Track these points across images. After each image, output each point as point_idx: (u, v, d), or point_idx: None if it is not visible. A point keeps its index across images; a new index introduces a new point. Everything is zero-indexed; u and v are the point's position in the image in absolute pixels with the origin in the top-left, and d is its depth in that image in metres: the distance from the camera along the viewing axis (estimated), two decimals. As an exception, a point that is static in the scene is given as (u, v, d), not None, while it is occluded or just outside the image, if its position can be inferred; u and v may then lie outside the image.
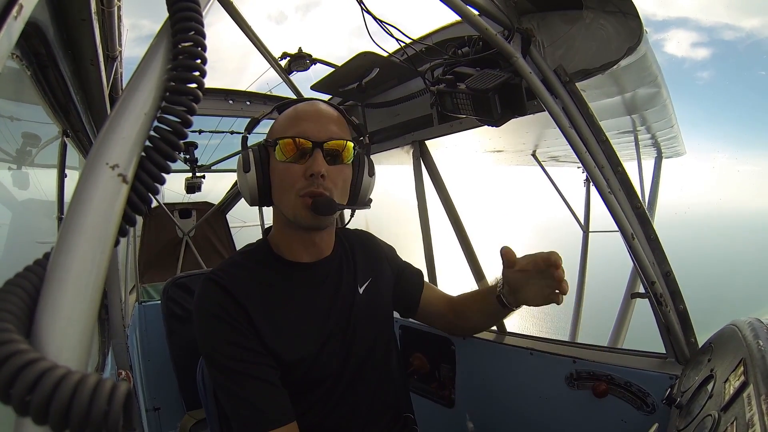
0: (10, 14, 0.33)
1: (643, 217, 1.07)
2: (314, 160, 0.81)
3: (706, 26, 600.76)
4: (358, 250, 1.04)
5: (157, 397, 2.16)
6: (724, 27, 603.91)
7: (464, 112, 1.16)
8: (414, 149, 1.67)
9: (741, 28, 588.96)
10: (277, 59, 1.59)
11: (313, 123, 0.84)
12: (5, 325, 0.23)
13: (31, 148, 1.36)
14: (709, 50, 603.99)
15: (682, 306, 1.05)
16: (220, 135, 2.69)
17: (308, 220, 0.84)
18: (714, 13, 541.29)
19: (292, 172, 0.82)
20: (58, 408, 0.21)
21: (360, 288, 0.98)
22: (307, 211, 0.82)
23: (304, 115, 0.85)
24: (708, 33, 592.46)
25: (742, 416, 0.59)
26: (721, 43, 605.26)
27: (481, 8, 1.05)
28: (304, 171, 0.82)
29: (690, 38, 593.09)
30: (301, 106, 0.88)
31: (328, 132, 0.84)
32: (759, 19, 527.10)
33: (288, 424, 0.80)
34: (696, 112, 38.37)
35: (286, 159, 0.83)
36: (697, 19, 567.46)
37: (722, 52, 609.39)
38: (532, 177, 4.44)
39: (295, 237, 0.91)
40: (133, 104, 0.32)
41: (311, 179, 0.81)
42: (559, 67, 1.10)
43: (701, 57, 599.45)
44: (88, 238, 0.28)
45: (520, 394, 1.28)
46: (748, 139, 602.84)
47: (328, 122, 0.85)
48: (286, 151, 0.83)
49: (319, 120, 0.85)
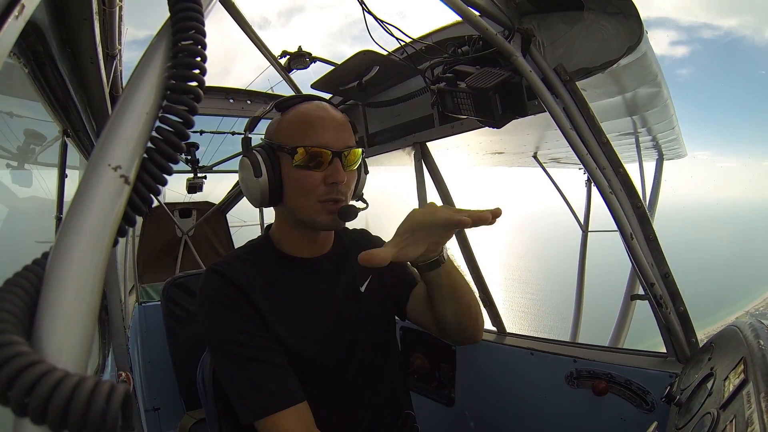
0: (11, 14, 0.33)
1: (643, 217, 1.07)
2: (336, 170, 0.84)
3: (684, 25, 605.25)
4: (357, 248, 1.03)
5: (157, 397, 2.16)
6: (702, 26, 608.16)
7: (465, 113, 1.16)
8: (415, 151, 1.67)
9: (719, 27, 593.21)
10: (277, 58, 1.59)
11: (330, 132, 0.86)
12: (5, 326, 0.23)
13: (33, 147, 1.36)
14: (688, 48, 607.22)
15: (682, 307, 1.04)
16: (221, 136, 2.69)
17: (328, 223, 0.88)
18: (692, 14, 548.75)
19: (312, 179, 0.85)
20: (56, 409, 0.21)
21: (362, 287, 1.00)
22: (329, 216, 0.86)
23: (320, 122, 0.86)
24: (687, 32, 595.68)
25: (741, 414, 0.59)
26: (699, 41, 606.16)
27: (481, 9, 1.05)
28: (324, 178, 0.85)
29: (669, 37, 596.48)
30: (314, 112, 0.88)
31: (345, 140, 0.87)
32: (736, 19, 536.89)
33: (300, 404, 0.81)
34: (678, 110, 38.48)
35: (303, 165, 0.84)
36: (677, 19, 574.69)
37: (701, 49, 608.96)
38: (531, 175, 4.44)
39: (300, 235, 0.94)
40: (135, 103, 0.32)
41: (332, 186, 0.85)
42: (559, 66, 1.10)
43: (680, 54, 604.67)
44: (87, 238, 0.28)
45: (520, 393, 1.29)
46: (726, 135, 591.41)
47: (343, 130, 0.88)
48: (305, 159, 0.84)
49: (336, 128, 0.87)
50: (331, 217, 0.87)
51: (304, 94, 0.96)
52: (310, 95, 0.96)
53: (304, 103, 0.90)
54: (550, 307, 41.28)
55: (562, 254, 40.63)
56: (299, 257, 0.95)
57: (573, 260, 3.93)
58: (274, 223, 0.98)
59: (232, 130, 2.63)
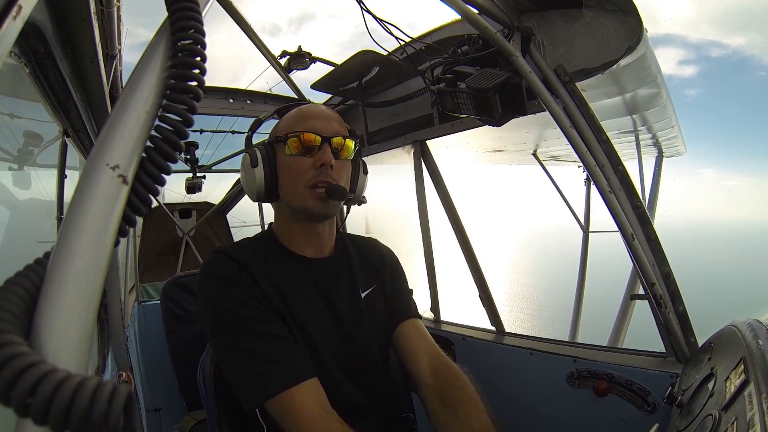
0: (9, 14, 0.33)
1: (643, 218, 1.07)
2: (324, 153, 0.87)
3: (693, 43, 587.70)
4: (362, 256, 1.05)
5: (158, 397, 2.16)
6: (710, 44, 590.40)
7: (465, 112, 1.16)
8: (415, 149, 1.67)
9: (728, 46, 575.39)
10: (277, 58, 1.59)
11: (319, 120, 0.91)
12: (5, 326, 0.23)
13: (32, 148, 1.36)
14: (696, 68, 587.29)
15: (681, 308, 1.05)
16: (220, 136, 2.69)
17: (318, 208, 0.89)
18: (700, 31, 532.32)
19: (302, 164, 0.88)
20: (58, 411, 0.21)
21: (362, 293, 0.99)
22: (316, 200, 0.87)
23: (311, 113, 0.92)
24: (695, 50, 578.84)
25: (742, 416, 0.59)
26: (707, 60, 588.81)
27: (481, 7, 1.05)
28: (314, 162, 0.87)
29: (677, 55, 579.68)
30: (306, 107, 0.95)
31: (334, 129, 0.91)
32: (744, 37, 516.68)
33: (313, 379, 0.80)
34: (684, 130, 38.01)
35: (295, 153, 0.89)
36: (684, 36, 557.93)
37: (709, 69, 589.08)
38: (533, 177, 4.44)
39: (298, 229, 0.95)
40: (134, 103, 0.32)
41: (321, 169, 0.87)
42: (559, 67, 1.09)
43: (688, 75, 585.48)
44: (87, 238, 0.28)
45: (520, 393, 1.28)
46: (732, 155, 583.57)
47: (332, 120, 0.93)
48: (295, 145, 0.89)
49: (325, 118, 0.92)
50: (320, 201, 0.88)
51: (304, 100, 1.01)
52: (312, 102, 1.00)
53: (304, 105, 0.97)
54: (550, 307, 41.22)
55: (562, 254, 40.35)
56: (301, 255, 0.95)
57: (573, 260, 3.93)
58: (274, 221, 1.00)
59: (232, 129, 2.62)
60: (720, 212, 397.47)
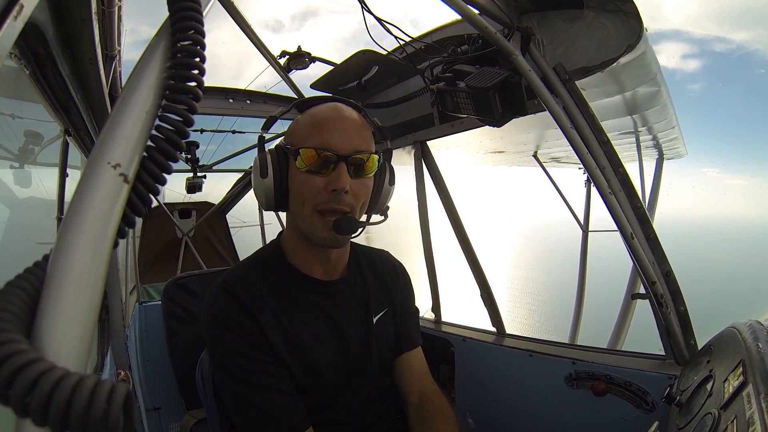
0: (10, 15, 0.33)
1: (643, 218, 1.07)
2: (338, 175, 0.76)
3: (697, 38, 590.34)
4: (375, 275, 1.00)
5: (158, 396, 2.16)
6: (714, 39, 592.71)
7: (465, 112, 1.16)
8: (415, 150, 1.67)
9: (731, 41, 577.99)
10: (276, 57, 1.59)
11: (337, 133, 0.78)
12: (5, 324, 0.23)
13: (32, 147, 1.36)
14: (699, 62, 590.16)
15: (682, 307, 1.05)
16: (221, 136, 2.69)
17: (325, 239, 0.81)
18: (704, 27, 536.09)
19: (314, 184, 0.78)
20: (57, 409, 0.21)
21: (374, 318, 0.95)
22: (326, 231, 0.79)
23: (328, 123, 0.80)
24: (699, 45, 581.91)
25: (742, 414, 0.59)
26: (711, 54, 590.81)
27: (481, 7, 1.05)
28: (326, 184, 0.77)
29: (681, 50, 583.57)
30: (324, 113, 0.82)
31: (353, 144, 0.79)
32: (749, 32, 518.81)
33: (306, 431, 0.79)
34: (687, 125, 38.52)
35: (307, 169, 0.78)
36: (689, 32, 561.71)
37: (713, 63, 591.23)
38: (532, 177, 4.44)
39: (308, 249, 0.88)
40: (134, 102, 0.32)
41: (333, 194, 0.77)
42: (559, 65, 1.09)
43: (692, 69, 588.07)
44: (88, 238, 0.28)
45: (520, 393, 1.29)
46: (734, 153, 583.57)
47: (353, 132, 0.80)
48: (307, 161, 0.77)
49: (345, 130, 0.79)
50: (328, 232, 0.79)
51: (328, 96, 0.89)
52: (335, 97, 0.89)
53: (320, 105, 0.85)
54: (549, 307, 41.17)
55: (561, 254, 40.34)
56: (311, 277, 0.89)
57: (573, 260, 3.93)
58: (285, 232, 0.93)
59: (232, 128, 2.62)
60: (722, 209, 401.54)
